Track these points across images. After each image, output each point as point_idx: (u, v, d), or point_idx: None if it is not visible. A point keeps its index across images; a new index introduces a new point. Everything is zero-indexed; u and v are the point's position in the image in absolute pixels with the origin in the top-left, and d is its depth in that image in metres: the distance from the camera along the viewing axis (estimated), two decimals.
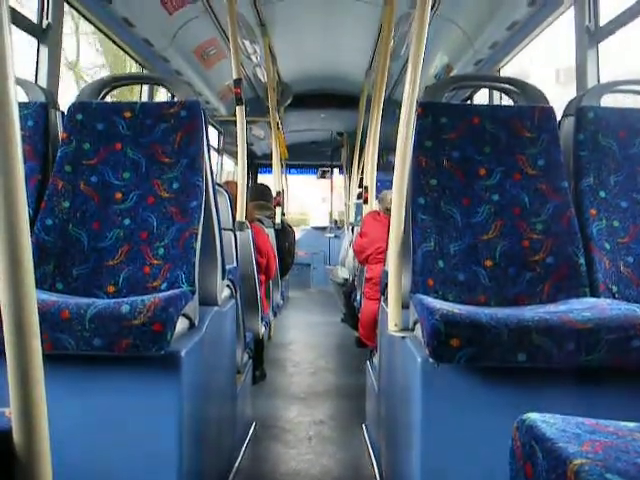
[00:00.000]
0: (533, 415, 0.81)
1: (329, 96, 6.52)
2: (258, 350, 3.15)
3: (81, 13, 2.87)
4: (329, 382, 3.34)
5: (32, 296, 0.72)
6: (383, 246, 2.00)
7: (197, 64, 4.46)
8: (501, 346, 1.25)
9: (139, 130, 1.82)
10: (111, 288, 1.66)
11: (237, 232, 2.53)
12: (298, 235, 6.99)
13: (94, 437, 1.39)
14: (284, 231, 4.62)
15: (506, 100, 2.37)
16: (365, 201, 4.33)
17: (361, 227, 3.71)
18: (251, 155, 7.96)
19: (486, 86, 3.27)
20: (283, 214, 5.32)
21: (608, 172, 1.83)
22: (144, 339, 1.31)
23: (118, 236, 1.71)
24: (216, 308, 1.81)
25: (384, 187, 4.54)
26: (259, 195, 4.29)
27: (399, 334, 1.59)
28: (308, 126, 7.59)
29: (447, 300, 1.60)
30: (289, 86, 5.79)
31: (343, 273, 4.90)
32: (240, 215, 2.87)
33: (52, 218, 1.71)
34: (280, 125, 5.66)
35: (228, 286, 2.03)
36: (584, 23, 2.44)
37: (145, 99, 3.95)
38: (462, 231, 1.72)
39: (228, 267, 2.00)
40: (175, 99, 1.91)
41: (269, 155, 6.09)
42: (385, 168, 6.02)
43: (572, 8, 2.57)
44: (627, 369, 1.31)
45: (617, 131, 1.87)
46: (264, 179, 8.42)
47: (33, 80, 2.35)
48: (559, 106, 1.97)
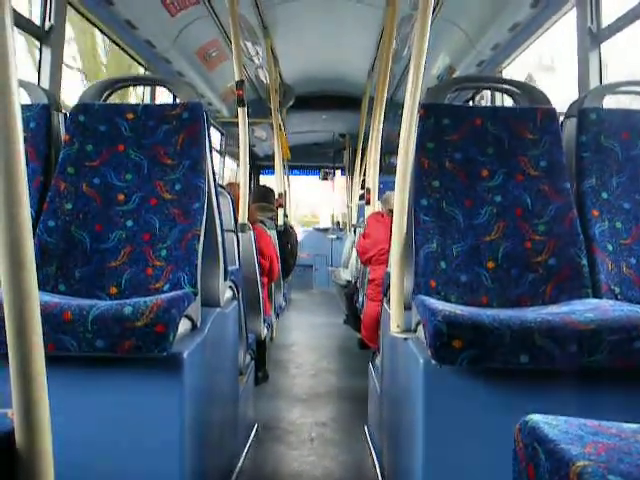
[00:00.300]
0: (536, 416, 0.81)
1: (331, 97, 6.52)
2: (260, 351, 3.14)
3: (83, 15, 2.88)
4: (331, 384, 3.33)
5: (35, 297, 0.72)
6: (386, 247, 2.00)
7: (199, 66, 4.47)
8: (503, 347, 1.25)
9: (141, 132, 1.83)
10: (113, 290, 1.66)
11: (239, 234, 2.53)
12: (300, 237, 7.00)
13: (96, 438, 1.39)
14: (286, 232, 4.63)
15: (508, 101, 2.37)
16: (367, 202, 4.33)
17: (364, 228, 3.71)
18: (253, 156, 7.96)
19: (488, 87, 3.27)
20: (285, 215, 5.32)
21: (610, 173, 1.83)
22: (147, 340, 1.31)
23: (120, 238, 1.71)
24: (218, 309, 1.81)
25: (387, 189, 4.54)
26: (261, 197, 4.30)
27: (401, 335, 1.59)
28: (310, 127, 7.59)
29: (449, 301, 1.60)
30: (291, 88, 5.79)
31: (345, 275, 4.90)
32: (242, 217, 2.87)
33: (54, 220, 1.71)
34: (282, 126, 5.67)
35: (230, 287, 2.03)
36: (586, 24, 2.44)
37: (146, 101, 3.96)
38: (464, 232, 1.72)
39: (230, 268, 2.00)
40: (177, 101, 1.92)
41: (271, 156, 6.10)
42: (387, 170, 6.02)
43: (574, 9, 2.58)
44: (630, 370, 1.31)
45: (619, 132, 1.87)
46: (266, 180, 8.43)
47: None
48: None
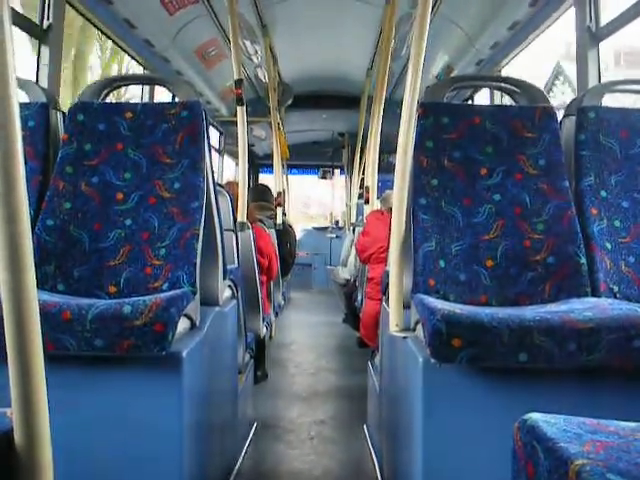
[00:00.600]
0: (534, 415, 0.81)
1: (330, 96, 6.52)
2: (259, 350, 3.14)
3: (82, 14, 2.88)
4: (330, 382, 3.33)
5: (33, 297, 0.72)
6: (385, 245, 2.00)
7: (198, 64, 4.47)
8: (502, 346, 1.25)
9: (140, 131, 1.82)
10: (112, 289, 1.66)
11: (238, 232, 2.53)
12: (299, 235, 7.00)
13: (95, 437, 1.39)
14: (285, 231, 4.62)
15: (507, 100, 2.37)
16: (366, 201, 4.33)
17: (364, 226, 3.71)
18: (252, 155, 7.96)
19: (487, 86, 3.27)
20: (284, 214, 5.32)
21: (609, 172, 1.83)
22: (145, 339, 1.31)
23: (119, 236, 1.71)
24: (217, 308, 1.81)
25: (385, 187, 4.54)
26: (259, 195, 4.29)
27: (400, 334, 1.59)
28: (309, 126, 7.59)
29: (448, 300, 1.60)
30: (290, 86, 5.79)
31: (344, 273, 4.90)
32: (241, 215, 2.87)
33: (53, 219, 1.71)
34: (281, 125, 5.67)
35: (229, 286, 2.03)
36: (585, 23, 2.44)
37: (143, 100, 3.96)
38: (463, 231, 1.72)
39: (229, 267, 2.00)
40: (176, 100, 1.92)
41: (270, 155, 6.09)
42: (386, 168, 6.01)
43: (573, 8, 2.58)
44: (628, 369, 1.31)
45: (618, 131, 1.87)
46: (265, 179, 8.43)
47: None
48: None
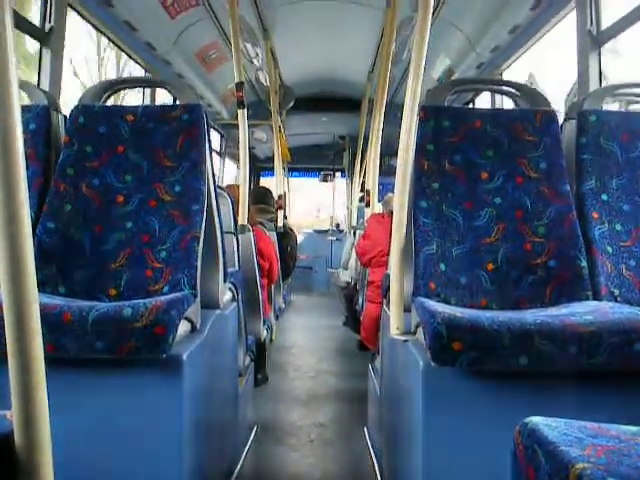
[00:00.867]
0: (535, 419, 0.81)
1: (331, 99, 6.53)
2: (260, 353, 3.14)
3: (83, 16, 2.89)
4: (331, 385, 3.33)
5: (34, 299, 0.72)
6: (386, 249, 2.00)
7: (199, 67, 4.47)
8: (503, 349, 1.25)
9: (141, 133, 1.82)
10: (113, 291, 1.66)
11: (239, 235, 2.53)
12: (300, 238, 7.00)
13: (95, 440, 1.38)
14: (286, 234, 4.63)
15: (508, 104, 2.37)
16: (367, 204, 4.33)
17: (365, 230, 3.71)
18: (253, 158, 7.96)
19: (488, 89, 3.27)
20: (285, 217, 5.32)
21: (610, 175, 1.83)
22: (146, 342, 1.30)
23: (120, 239, 1.71)
24: (218, 311, 1.80)
25: (386, 190, 4.54)
26: (260, 198, 4.29)
27: (401, 337, 1.59)
28: (310, 129, 7.59)
29: (449, 303, 1.60)
30: (291, 89, 5.80)
31: (345, 276, 4.89)
32: (242, 218, 2.87)
33: (54, 221, 1.71)
34: (282, 128, 5.68)
35: (230, 289, 2.03)
36: (586, 26, 2.44)
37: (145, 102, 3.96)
38: (464, 234, 1.72)
39: (230, 270, 2.00)
40: (177, 102, 1.92)
41: (271, 158, 6.10)
42: (387, 171, 6.02)
43: (574, 11, 2.58)
44: (629, 372, 1.31)
45: (619, 134, 1.87)
46: (266, 182, 8.43)
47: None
48: None
